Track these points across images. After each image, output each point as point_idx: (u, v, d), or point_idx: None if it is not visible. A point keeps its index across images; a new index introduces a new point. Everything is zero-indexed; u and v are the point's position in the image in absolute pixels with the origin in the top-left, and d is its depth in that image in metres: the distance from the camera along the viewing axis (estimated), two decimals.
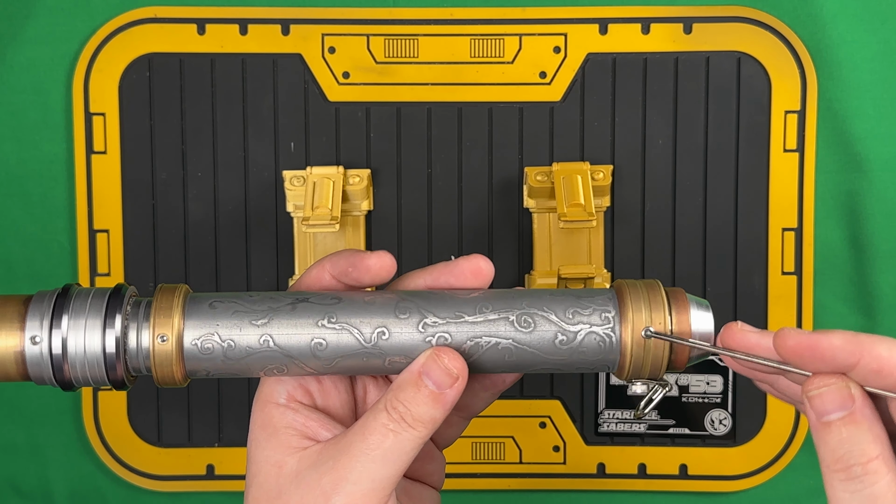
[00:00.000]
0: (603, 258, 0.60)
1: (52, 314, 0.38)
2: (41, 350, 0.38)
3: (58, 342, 0.38)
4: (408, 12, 0.60)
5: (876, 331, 0.61)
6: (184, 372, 0.39)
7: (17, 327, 0.38)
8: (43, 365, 0.38)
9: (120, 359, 0.38)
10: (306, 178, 0.58)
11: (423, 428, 0.38)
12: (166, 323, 0.39)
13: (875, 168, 0.60)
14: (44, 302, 0.38)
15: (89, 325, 0.38)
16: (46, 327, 0.38)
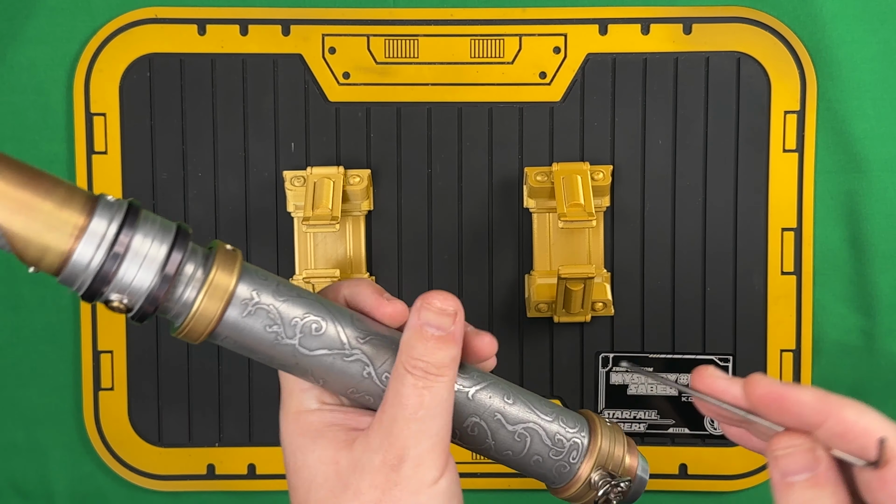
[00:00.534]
0: (603, 258, 0.60)
1: (119, 230, 0.36)
2: (91, 259, 0.36)
3: (111, 260, 0.36)
4: (408, 12, 0.60)
5: (875, 330, 0.61)
6: (212, 331, 0.38)
7: (78, 224, 0.36)
8: (87, 272, 0.36)
9: (161, 300, 0.37)
10: (306, 178, 0.58)
11: (448, 371, 0.40)
12: (222, 284, 0.38)
13: (874, 168, 0.60)
14: (112, 211, 0.36)
15: (149, 257, 0.37)
16: (109, 240, 0.36)
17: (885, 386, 0.61)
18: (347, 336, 0.40)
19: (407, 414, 0.39)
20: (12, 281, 0.61)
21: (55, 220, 0.35)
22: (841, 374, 0.62)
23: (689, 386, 0.39)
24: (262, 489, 0.62)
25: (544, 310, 0.60)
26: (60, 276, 0.36)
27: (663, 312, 0.61)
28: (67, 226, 0.35)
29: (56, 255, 0.35)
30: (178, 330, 0.39)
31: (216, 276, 0.38)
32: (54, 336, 0.62)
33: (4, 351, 0.62)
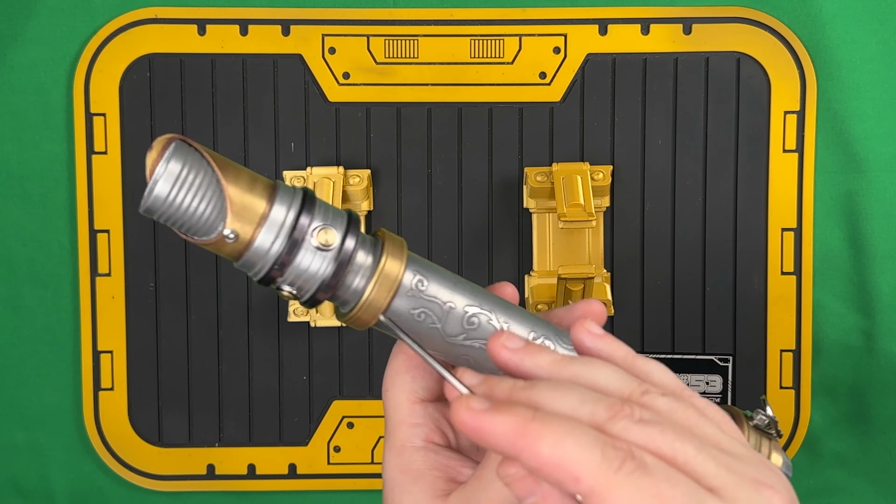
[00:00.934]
0: (602, 258, 0.60)
1: (299, 214, 0.37)
2: (271, 245, 0.36)
3: (291, 245, 0.37)
4: (408, 13, 0.60)
5: (875, 330, 0.61)
6: (378, 321, 0.39)
7: (260, 212, 0.36)
8: (267, 258, 0.36)
9: (335, 287, 0.38)
10: (306, 179, 0.58)
11: None
12: (392, 273, 0.38)
13: (874, 168, 0.60)
14: (291, 197, 0.37)
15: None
16: (289, 225, 0.36)
17: (885, 386, 0.61)
18: (510, 328, 0.40)
19: None
20: (12, 281, 0.61)
21: (243, 209, 0.36)
22: (841, 374, 0.62)
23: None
24: (262, 489, 0.62)
25: (544, 310, 0.60)
26: (240, 261, 0.37)
27: (663, 312, 0.61)
28: (250, 213, 0.36)
29: (239, 242, 0.36)
30: (346, 316, 0.39)
31: (386, 265, 0.38)
32: (54, 336, 0.62)
33: (4, 351, 0.62)
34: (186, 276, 0.61)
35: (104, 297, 0.61)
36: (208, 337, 0.61)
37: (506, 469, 0.34)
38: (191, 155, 0.36)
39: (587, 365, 0.35)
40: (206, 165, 0.36)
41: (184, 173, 0.36)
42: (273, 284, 0.38)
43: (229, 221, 0.36)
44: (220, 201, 0.36)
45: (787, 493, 0.33)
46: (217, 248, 0.37)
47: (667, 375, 0.37)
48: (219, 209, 0.36)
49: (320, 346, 0.61)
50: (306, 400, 0.62)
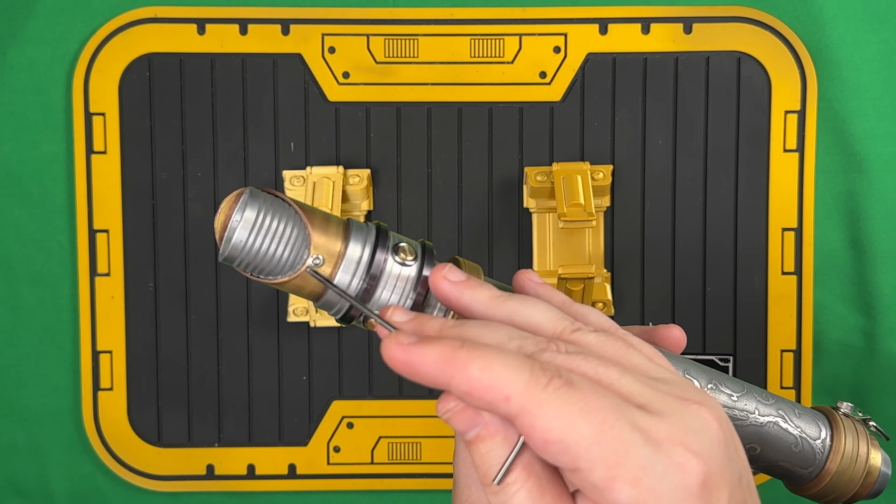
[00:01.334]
0: (603, 258, 0.60)
1: (374, 252, 0.37)
2: (352, 282, 0.37)
3: (370, 284, 0.37)
4: (408, 12, 0.60)
5: (876, 330, 0.61)
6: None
7: (336, 252, 0.37)
8: (344, 297, 0.37)
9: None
10: (306, 178, 0.58)
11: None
12: None
13: (875, 168, 0.60)
14: (365, 233, 0.38)
15: (401, 277, 0.38)
16: (365, 264, 0.37)
17: (886, 386, 0.61)
18: None
19: None
20: (11, 281, 0.61)
21: (320, 246, 0.37)
22: (841, 374, 0.62)
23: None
24: (262, 489, 0.62)
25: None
26: (320, 301, 0.38)
27: (663, 312, 0.61)
28: (329, 251, 0.37)
29: (318, 282, 0.37)
30: None
31: None
32: (53, 336, 0.61)
33: (4, 351, 0.62)
34: (186, 276, 0.61)
35: (103, 296, 0.61)
36: (208, 337, 0.61)
37: (445, 404, 0.34)
38: (264, 200, 0.37)
39: (524, 302, 0.36)
40: (281, 207, 0.37)
41: (260, 217, 0.36)
42: (355, 322, 0.38)
43: (313, 259, 0.37)
44: (304, 241, 0.37)
45: (716, 410, 0.33)
46: (294, 288, 0.37)
47: (602, 317, 0.37)
48: (299, 248, 0.37)
49: (320, 346, 0.61)
50: (306, 400, 0.62)
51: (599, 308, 0.59)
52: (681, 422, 0.32)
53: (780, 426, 0.42)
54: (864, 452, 0.43)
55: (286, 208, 0.37)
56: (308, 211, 0.37)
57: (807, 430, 0.42)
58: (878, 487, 0.43)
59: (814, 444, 0.42)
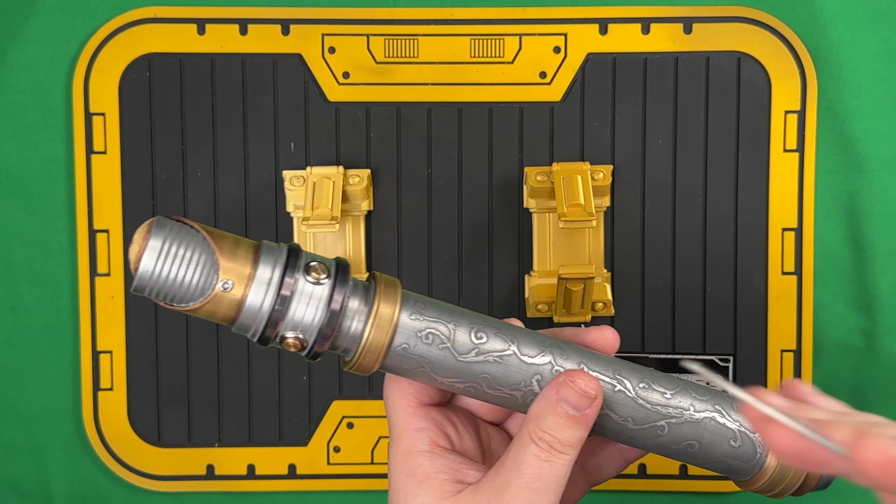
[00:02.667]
0: (603, 258, 0.60)
1: (284, 274, 0.38)
2: (263, 303, 0.38)
3: (280, 303, 0.38)
4: (408, 12, 0.60)
5: (876, 330, 0.61)
6: (382, 364, 0.40)
7: (246, 273, 0.37)
8: (259, 318, 0.38)
9: (331, 337, 0.38)
10: (306, 178, 0.58)
11: (571, 451, 0.40)
12: (386, 315, 0.39)
13: (875, 168, 0.60)
14: (275, 255, 0.38)
15: (314, 295, 0.38)
16: (275, 284, 0.38)
17: (886, 386, 0.61)
18: (518, 344, 0.41)
19: (522, 482, 0.39)
20: (11, 281, 0.61)
21: (229, 270, 0.38)
22: (841, 375, 0.62)
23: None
24: (262, 489, 0.62)
25: (544, 310, 0.60)
26: (235, 325, 0.38)
27: (663, 312, 0.61)
28: (238, 274, 0.38)
29: (229, 306, 0.38)
30: (349, 364, 0.40)
31: (380, 308, 0.39)
32: (53, 336, 0.61)
33: (4, 351, 0.62)
34: None
35: (103, 297, 0.61)
36: (208, 337, 0.61)
37: (584, 382, 0.38)
38: (171, 228, 0.37)
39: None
40: (188, 234, 0.37)
41: (166, 246, 0.37)
42: (272, 342, 0.38)
43: (222, 285, 0.37)
44: (212, 267, 0.37)
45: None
46: (207, 314, 0.38)
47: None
48: (208, 273, 0.37)
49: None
50: (306, 400, 0.62)
51: (599, 308, 0.59)
52: None
53: (718, 421, 0.42)
54: None
55: (193, 235, 0.38)
56: (216, 236, 0.38)
57: (746, 423, 0.42)
58: (827, 478, 0.42)
59: (753, 438, 0.42)
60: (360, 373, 0.40)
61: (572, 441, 0.40)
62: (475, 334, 0.40)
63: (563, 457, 0.40)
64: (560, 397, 0.40)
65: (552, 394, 0.40)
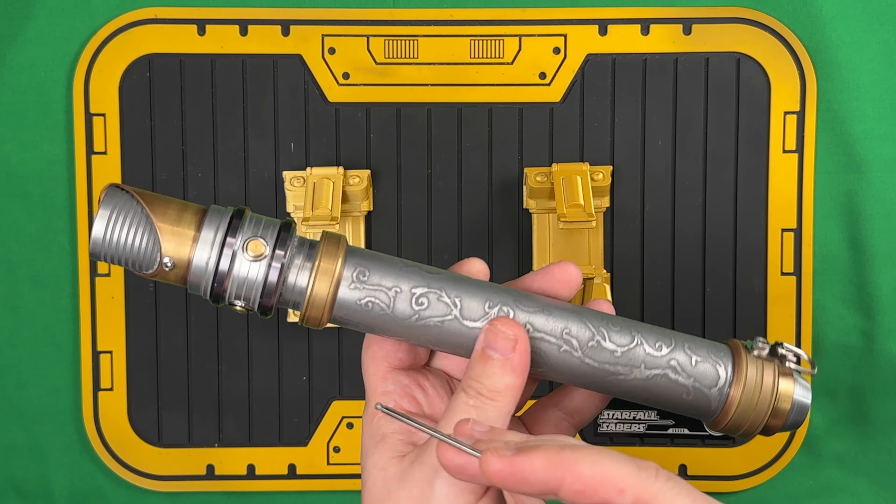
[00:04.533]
0: (602, 259, 0.60)
1: (227, 233, 0.40)
2: (208, 262, 0.40)
3: (226, 260, 0.40)
4: (408, 13, 0.60)
5: (875, 331, 0.61)
6: (329, 316, 0.41)
7: (191, 236, 0.40)
8: (206, 276, 0.40)
9: (276, 291, 0.40)
10: (306, 179, 0.58)
11: (501, 397, 0.40)
12: (328, 269, 0.41)
13: (874, 169, 0.60)
14: (219, 218, 0.40)
15: (249, 280, 0.40)
16: (219, 242, 0.40)
17: (885, 386, 0.61)
18: (462, 301, 0.42)
19: None
20: (12, 281, 0.61)
21: (174, 236, 0.40)
22: (841, 375, 0.62)
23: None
24: (262, 489, 0.62)
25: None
26: (187, 284, 0.40)
27: (663, 313, 0.61)
28: (183, 239, 0.40)
29: (178, 268, 0.40)
30: (300, 318, 0.41)
31: (322, 261, 0.41)
32: (54, 336, 0.62)
33: (4, 351, 0.62)
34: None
35: (104, 297, 0.61)
36: (208, 337, 0.61)
37: (505, 327, 0.38)
38: (120, 197, 0.40)
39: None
40: (134, 204, 0.40)
41: (114, 215, 0.40)
42: (223, 301, 0.41)
43: (164, 250, 0.40)
44: (152, 233, 0.40)
45: None
46: (163, 277, 0.40)
47: None
48: (153, 240, 0.40)
49: (320, 346, 0.61)
50: (306, 400, 0.62)
51: None
52: None
53: (670, 378, 0.42)
54: (771, 383, 0.42)
55: (134, 204, 0.40)
56: (161, 202, 0.41)
57: (702, 378, 0.42)
58: (794, 417, 0.42)
59: (709, 393, 0.42)
60: (311, 326, 0.42)
61: (499, 387, 0.40)
62: (416, 301, 0.41)
63: (491, 403, 0.40)
64: (485, 344, 0.40)
65: (479, 343, 0.41)
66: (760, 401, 0.42)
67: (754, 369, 0.42)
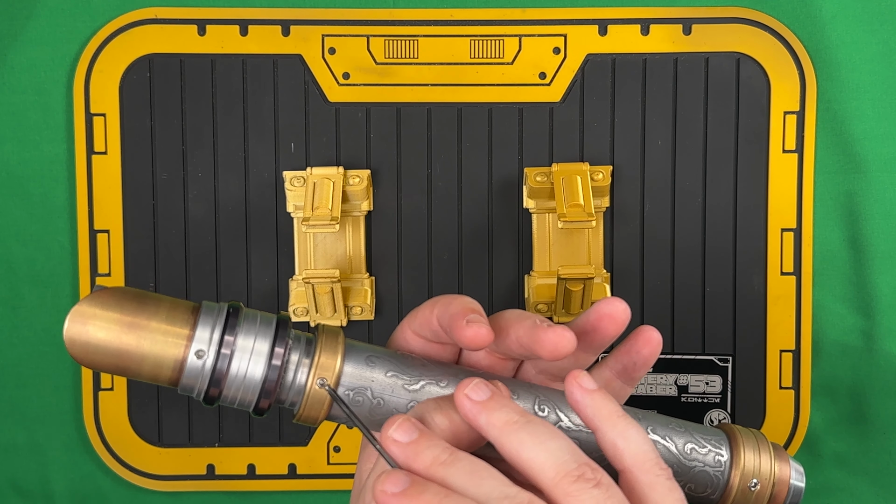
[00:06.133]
0: (602, 259, 0.60)
1: (223, 332, 0.38)
2: (204, 365, 0.38)
3: (223, 362, 0.38)
4: (408, 13, 0.60)
5: (875, 331, 0.61)
6: (326, 415, 0.40)
7: (185, 335, 0.38)
8: (201, 379, 0.38)
9: (275, 391, 0.39)
10: (306, 179, 0.58)
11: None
12: (328, 366, 0.39)
13: (874, 169, 0.60)
14: (213, 317, 0.38)
15: (255, 352, 0.38)
16: (216, 343, 0.38)
17: (885, 386, 0.62)
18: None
19: None
20: (12, 281, 0.61)
21: (164, 336, 0.38)
22: (840, 375, 0.62)
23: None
24: (262, 489, 0.62)
25: (544, 310, 0.60)
26: (179, 385, 0.38)
27: (663, 313, 0.61)
28: (176, 338, 0.38)
29: (170, 367, 0.38)
30: (295, 416, 0.40)
31: (321, 360, 0.39)
32: (54, 336, 0.62)
33: (4, 351, 0.62)
34: (186, 276, 0.61)
35: None
36: None
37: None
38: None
39: (537, 436, 0.36)
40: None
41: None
42: (217, 401, 0.39)
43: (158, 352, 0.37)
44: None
45: None
46: (153, 378, 0.38)
47: (640, 446, 0.38)
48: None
49: None
50: None
51: None
52: None
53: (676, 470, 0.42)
54: (769, 468, 0.43)
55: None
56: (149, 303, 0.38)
57: (701, 444, 0.43)
58: (791, 501, 0.43)
59: (711, 472, 0.42)
60: (308, 424, 0.41)
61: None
62: (409, 406, 0.40)
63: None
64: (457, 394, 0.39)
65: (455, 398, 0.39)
66: (760, 487, 0.42)
67: (753, 451, 0.43)
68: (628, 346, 0.44)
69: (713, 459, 0.42)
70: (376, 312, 0.61)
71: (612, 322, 0.42)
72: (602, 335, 0.42)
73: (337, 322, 0.60)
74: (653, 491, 0.37)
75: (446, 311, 0.42)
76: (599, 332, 0.42)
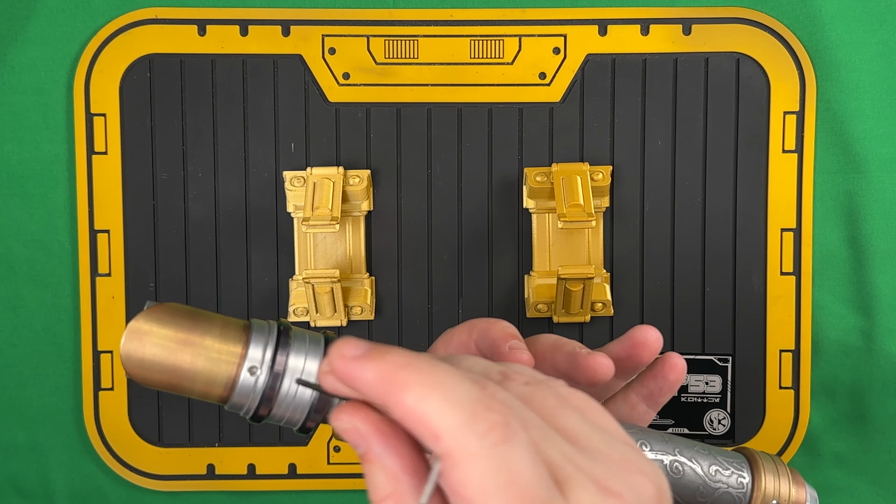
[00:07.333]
0: (602, 258, 0.60)
1: (276, 352, 0.38)
2: (256, 383, 0.37)
3: (274, 381, 0.37)
4: (408, 13, 0.60)
5: (875, 331, 0.61)
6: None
7: (238, 354, 0.37)
8: (252, 397, 0.38)
9: (323, 410, 0.38)
10: (306, 179, 0.58)
11: None
12: None
13: (873, 168, 0.60)
14: (265, 335, 0.38)
15: (306, 372, 0.38)
16: (268, 362, 0.38)
17: (885, 386, 0.62)
18: None
19: None
20: (12, 281, 0.61)
21: (217, 353, 0.38)
22: (840, 375, 0.62)
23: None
24: (262, 489, 0.62)
25: (544, 310, 0.60)
26: (228, 403, 0.38)
27: (663, 313, 0.61)
28: (229, 356, 0.38)
29: (222, 385, 0.38)
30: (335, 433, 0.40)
31: None
32: (54, 336, 0.62)
33: (4, 351, 0.62)
34: (186, 276, 0.61)
35: (104, 297, 0.61)
36: None
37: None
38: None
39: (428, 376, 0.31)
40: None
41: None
42: (265, 419, 0.39)
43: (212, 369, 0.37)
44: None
45: (656, 479, 0.32)
46: (204, 395, 0.38)
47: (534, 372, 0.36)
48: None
49: None
50: None
51: (598, 308, 0.60)
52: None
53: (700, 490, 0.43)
54: (787, 489, 0.44)
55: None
56: (202, 321, 0.38)
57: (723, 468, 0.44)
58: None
59: (734, 493, 0.44)
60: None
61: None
62: None
63: None
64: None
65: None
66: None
67: (773, 475, 0.44)
68: (655, 371, 0.45)
69: (736, 481, 0.44)
70: (376, 312, 0.61)
71: (646, 349, 0.43)
72: (636, 362, 0.44)
73: (337, 322, 0.60)
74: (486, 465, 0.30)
75: (485, 336, 0.41)
76: (633, 359, 0.44)
